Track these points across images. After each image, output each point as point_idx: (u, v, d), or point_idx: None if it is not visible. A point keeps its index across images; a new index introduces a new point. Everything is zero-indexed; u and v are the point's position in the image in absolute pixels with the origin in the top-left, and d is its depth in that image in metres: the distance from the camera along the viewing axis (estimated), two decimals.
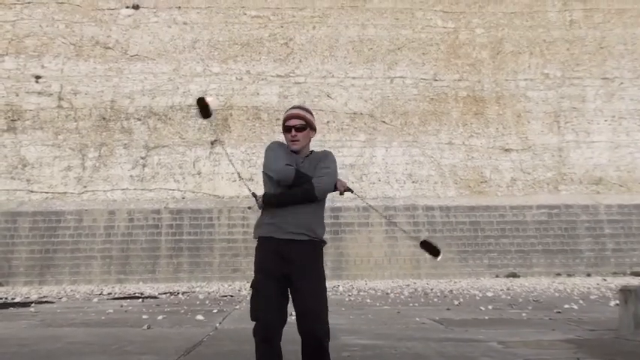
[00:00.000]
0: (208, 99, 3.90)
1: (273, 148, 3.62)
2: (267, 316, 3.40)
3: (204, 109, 3.86)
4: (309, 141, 3.70)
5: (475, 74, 22.66)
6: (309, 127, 3.66)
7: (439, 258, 3.86)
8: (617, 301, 10.09)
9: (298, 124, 3.63)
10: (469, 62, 22.76)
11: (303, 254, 3.45)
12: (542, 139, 22.11)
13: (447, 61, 22.74)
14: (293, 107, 3.75)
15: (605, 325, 7.21)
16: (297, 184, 3.48)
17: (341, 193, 3.72)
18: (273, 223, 3.51)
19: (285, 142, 3.68)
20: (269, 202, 3.54)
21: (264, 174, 3.62)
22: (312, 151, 3.73)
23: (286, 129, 3.64)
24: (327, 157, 3.65)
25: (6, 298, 13.53)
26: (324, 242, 3.58)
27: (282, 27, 22.70)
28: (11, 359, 5.25)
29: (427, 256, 3.93)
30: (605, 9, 23.31)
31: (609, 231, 20.25)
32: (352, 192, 3.79)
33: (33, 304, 11.67)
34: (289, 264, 3.42)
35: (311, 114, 3.74)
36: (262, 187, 3.64)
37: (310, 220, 3.51)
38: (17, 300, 13.04)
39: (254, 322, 3.43)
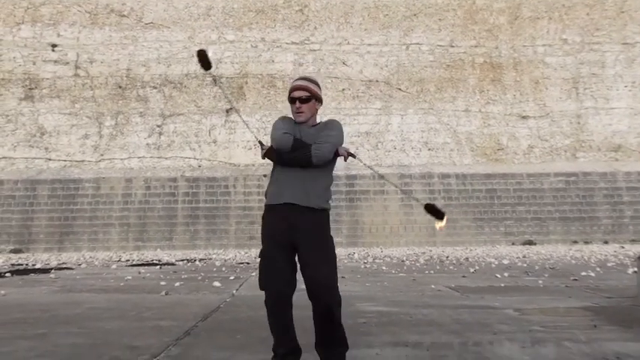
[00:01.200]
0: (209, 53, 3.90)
1: (276, 123, 3.61)
2: (275, 286, 3.44)
3: (204, 60, 3.86)
4: (316, 112, 3.67)
5: (492, 40, 22.34)
6: (314, 98, 3.62)
7: (443, 223, 3.84)
8: (635, 269, 10.04)
9: (303, 95, 3.59)
10: (486, 28, 22.42)
11: (307, 222, 3.45)
12: (561, 106, 21.84)
13: (463, 27, 22.42)
14: (298, 78, 3.71)
15: (623, 292, 7.18)
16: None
17: (345, 159, 3.70)
18: (276, 192, 3.52)
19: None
20: (270, 157, 3.54)
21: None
22: (319, 123, 3.70)
23: (291, 100, 3.60)
24: (329, 125, 3.62)
25: (27, 265, 13.74)
26: (325, 210, 3.57)
27: None
28: (33, 324, 5.34)
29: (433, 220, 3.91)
30: None
31: (628, 198, 20.09)
32: (355, 157, 3.75)
33: (53, 271, 11.84)
34: (295, 232, 3.43)
35: (316, 85, 3.69)
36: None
37: (310, 188, 3.50)
38: (37, 266, 13.24)
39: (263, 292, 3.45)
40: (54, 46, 21.63)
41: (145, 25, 22.00)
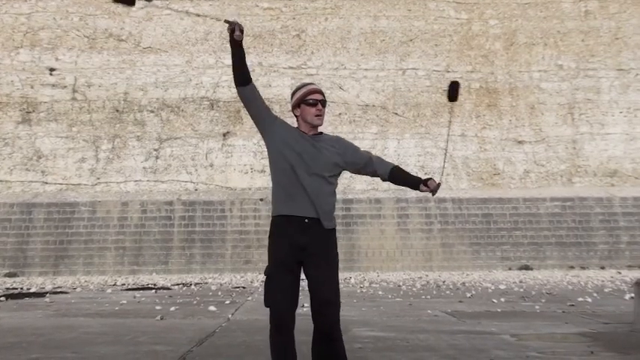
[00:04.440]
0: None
1: (283, 133, 3.66)
2: (280, 304, 3.41)
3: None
4: None
5: (488, 66, 22.51)
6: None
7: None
8: (632, 295, 10.03)
9: (323, 99, 3.65)
10: (482, 54, 22.61)
11: (317, 239, 3.45)
12: (556, 131, 21.95)
13: (459, 52, 22.61)
14: (309, 83, 3.74)
15: (620, 318, 7.17)
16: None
17: (433, 194, 3.74)
18: (288, 203, 3.50)
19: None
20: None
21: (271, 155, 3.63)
22: (321, 132, 3.72)
23: (311, 103, 3.60)
24: (354, 147, 3.79)
25: (21, 288, 13.66)
26: (334, 228, 3.58)
27: (294, 19, 22.65)
28: (27, 348, 5.30)
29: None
30: None
31: (624, 224, 20.10)
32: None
33: (48, 294, 11.77)
34: (303, 249, 3.42)
35: None
36: (272, 179, 3.63)
37: (325, 205, 3.50)
38: (32, 290, 13.16)
39: (268, 308, 3.46)
40: (52, 70, 21.73)
41: (143, 50, 22.14)
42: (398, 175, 3.79)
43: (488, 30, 22.80)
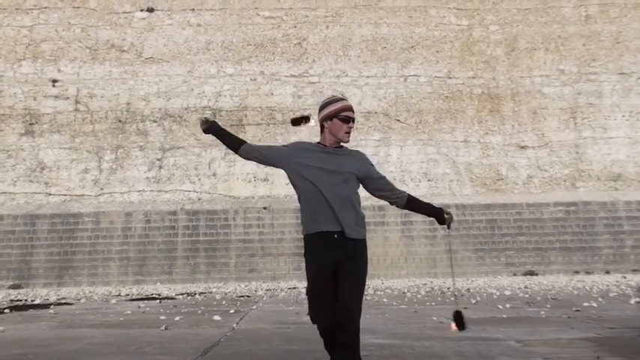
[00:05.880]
0: (310, 122, 4.04)
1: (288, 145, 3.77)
2: (321, 322, 3.57)
3: (300, 121, 4.00)
4: None
5: (490, 71, 22.53)
6: None
7: (459, 329, 4.02)
8: (638, 299, 9.99)
9: (354, 117, 3.76)
10: (483, 59, 22.63)
11: (346, 251, 3.51)
12: (559, 136, 21.93)
13: (461, 58, 22.63)
14: (342, 99, 3.82)
15: (626, 323, 7.13)
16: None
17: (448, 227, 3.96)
18: (314, 220, 3.58)
19: (304, 139, 3.78)
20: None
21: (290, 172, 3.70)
22: (341, 145, 3.80)
23: (344, 119, 3.69)
24: (372, 168, 3.90)
25: (25, 300, 13.66)
26: (364, 238, 3.70)
27: (295, 27, 22.71)
28: None
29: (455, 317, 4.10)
30: (621, 3, 23.06)
31: (628, 228, 20.05)
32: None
33: (52, 306, 11.77)
34: (335, 263, 3.51)
35: None
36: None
37: (350, 216, 3.55)
38: (37, 302, 13.16)
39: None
40: (54, 81, 21.80)
41: (145, 60, 22.21)
42: (414, 203, 4.01)
43: (490, 36, 22.83)
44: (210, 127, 3.88)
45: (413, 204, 3.90)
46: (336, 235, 3.50)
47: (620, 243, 19.84)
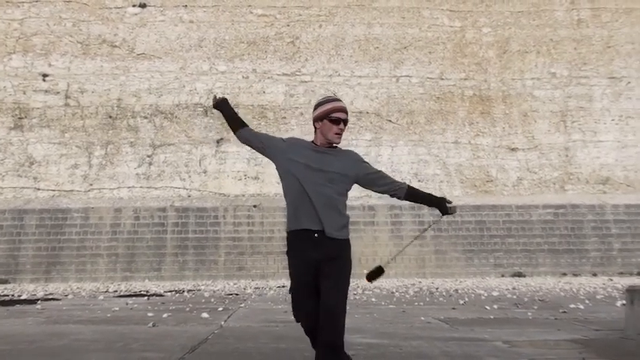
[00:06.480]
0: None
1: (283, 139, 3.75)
2: (304, 321, 3.61)
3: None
4: None
5: (481, 73, 22.60)
6: None
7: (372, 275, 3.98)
8: (624, 301, 10.05)
9: (347, 118, 3.71)
10: (475, 61, 22.70)
11: (327, 251, 3.50)
12: (549, 139, 22.03)
13: (453, 60, 22.69)
14: (335, 99, 3.77)
15: (612, 325, 7.18)
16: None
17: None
18: (296, 217, 3.56)
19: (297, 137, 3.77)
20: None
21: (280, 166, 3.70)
22: (335, 146, 3.76)
23: (334, 120, 3.65)
24: (367, 165, 3.88)
25: (12, 295, 13.58)
26: (347, 239, 3.67)
27: (288, 26, 22.70)
28: (18, 356, 5.27)
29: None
30: (612, 8, 23.20)
31: (616, 231, 20.17)
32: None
33: (39, 301, 11.71)
34: (317, 262, 3.49)
35: None
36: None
37: (332, 216, 3.53)
38: (23, 297, 13.09)
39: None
40: (45, 75, 21.67)
41: (137, 56, 22.12)
42: (414, 194, 3.95)
43: (482, 38, 22.90)
44: (219, 104, 3.91)
45: (414, 195, 3.85)
46: (316, 235, 3.47)
47: (607, 246, 19.96)
